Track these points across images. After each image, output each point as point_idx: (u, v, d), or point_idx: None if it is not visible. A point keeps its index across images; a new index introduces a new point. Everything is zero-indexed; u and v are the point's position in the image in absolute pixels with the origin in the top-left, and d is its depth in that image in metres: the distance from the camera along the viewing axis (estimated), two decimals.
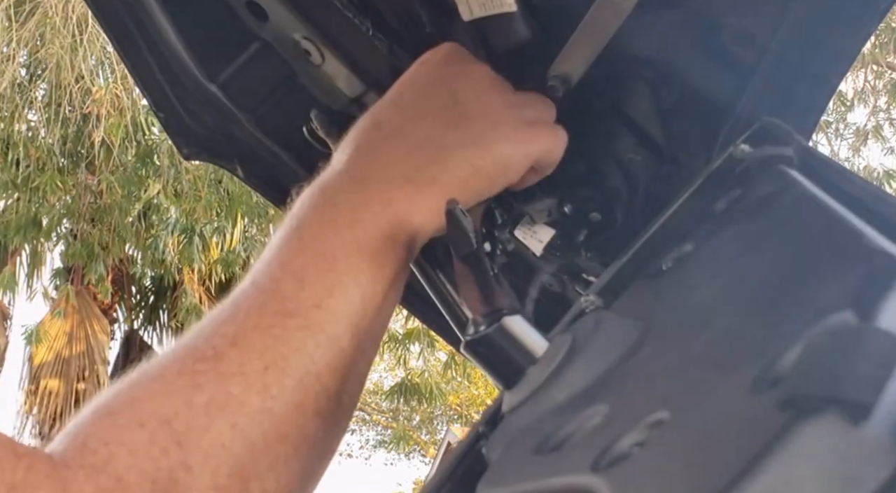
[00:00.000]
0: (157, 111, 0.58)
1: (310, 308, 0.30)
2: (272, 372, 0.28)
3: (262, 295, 0.31)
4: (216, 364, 0.28)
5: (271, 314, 0.30)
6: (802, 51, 0.39)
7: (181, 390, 0.27)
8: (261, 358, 0.29)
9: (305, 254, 0.32)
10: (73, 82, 5.13)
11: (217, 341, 0.29)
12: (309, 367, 0.29)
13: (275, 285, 0.31)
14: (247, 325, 0.30)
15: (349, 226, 0.33)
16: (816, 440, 0.16)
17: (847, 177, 0.29)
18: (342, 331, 0.31)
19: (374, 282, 0.33)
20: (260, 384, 0.28)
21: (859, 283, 0.20)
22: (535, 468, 0.25)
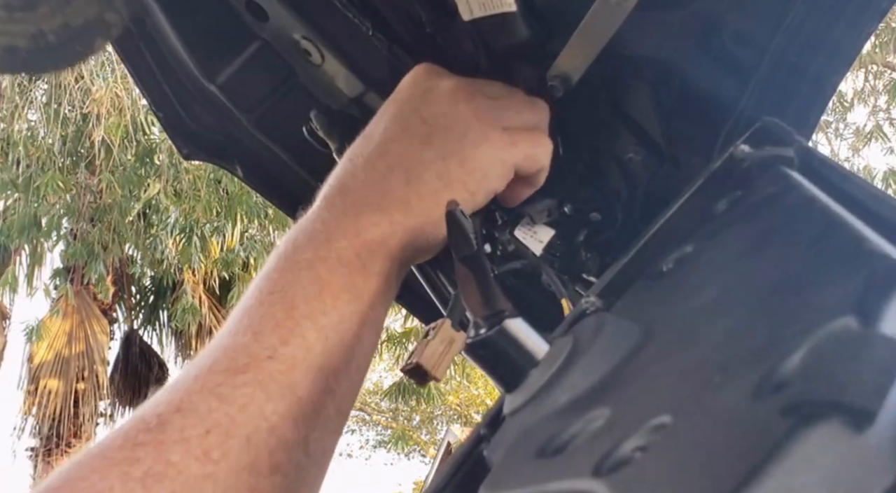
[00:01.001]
0: (157, 111, 0.58)
1: (262, 361, 0.29)
2: (214, 435, 0.27)
3: (216, 353, 0.30)
4: (157, 434, 0.27)
5: (220, 373, 0.29)
6: (802, 51, 0.39)
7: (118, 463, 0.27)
8: (203, 422, 0.28)
9: (264, 305, 0.31)
10: (73, 82, 5.12)
11: (163, 409, 0.28)
12: (259, 423, 0.28)
13: (230, 340, 0.30)
14: (193, 388, 0.29)
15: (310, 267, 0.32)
16: (820, 446, 0.16)
17: (848, 178, 0.28)
18: (299, 378, 0.30)
19: (342, 320, 0.32)
20: (200, 450, 0.27)
21: (862, 287, 0.20)
22: (536, 471, 0.25)
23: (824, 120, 5.21)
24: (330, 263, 0.33)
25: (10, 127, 5.32)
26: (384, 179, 0.35)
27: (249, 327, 0.31)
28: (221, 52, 0.54)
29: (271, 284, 0.32)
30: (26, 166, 5.37)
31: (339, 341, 0.31)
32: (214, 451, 0.27)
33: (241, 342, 0.30)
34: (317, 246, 0.33)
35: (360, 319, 0.33)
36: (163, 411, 0.28)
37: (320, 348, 0.31)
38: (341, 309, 0.32)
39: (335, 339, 0.31)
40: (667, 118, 0.46)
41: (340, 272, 0.33)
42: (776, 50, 0.40)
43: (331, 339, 0.31)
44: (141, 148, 5.57)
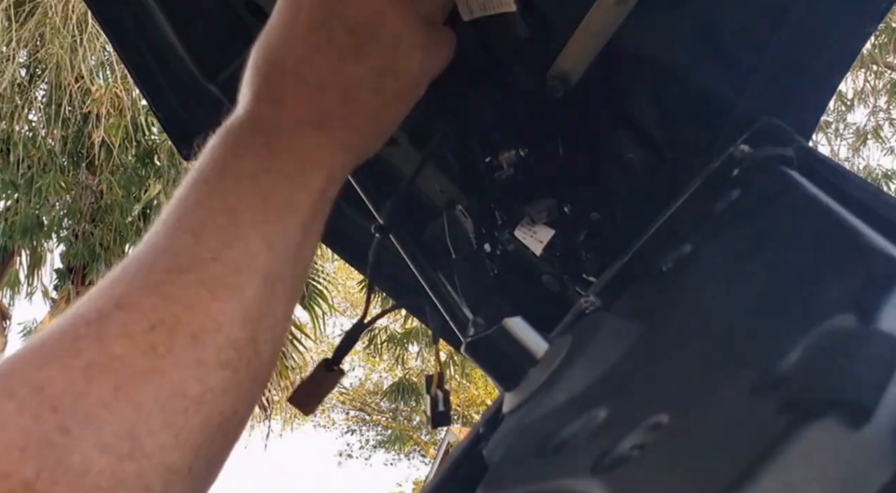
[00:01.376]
0: (157, 111, 0.58)
1: (206, 262, 0.29)
2: (159, 331, 0.27)
3: (154, 253, 0.29)
4: (98, 328, 0.26)
5: (162, 272, 0.28)
6: (802, 51, 0.39)
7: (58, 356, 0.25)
8: (146, 318, 0.27)
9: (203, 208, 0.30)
10: (73, 82, 5.12)
11: (102, 304, 0.27)
12: (205, 323, 0.28)
13: (168, 242, 0.29)
14: (134, 285, 0.28)
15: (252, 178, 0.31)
16: (817, 443, 0.16)
17: (847, 178, 0.28)
18: (244, 281, 0.29)
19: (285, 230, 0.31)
20: (145, 345, 0.26)
21: (860, 285, 0.20)
22: (535, 470, 0.25)
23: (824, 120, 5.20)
24: (272, 175, 0.32)
25: (11, 127, 5.32)
26: (319, 96, 0.34)
27: (189, 230, 0.30)
28: (221, 52, 0.54)
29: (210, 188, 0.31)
30: (27, 167, 5.38)
31: (284, 250, 0.31)
32: (160, 346, 0.26)
33: (181, 243, 0.29)
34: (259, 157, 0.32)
35: (302, 231, 0.32)
36: (102, 306, 0.27)
37: (264, 255, 0.30)
38: (285, 221, 0.31)
39: (279, 248, 0.31)
40: (666, 118, 0.46)
41: (283, 185, 0.32)
42: (775, 50, 0.40)
43: (275, 247, 0.31)
44: (141, 148, 5.57)
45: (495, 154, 0.48)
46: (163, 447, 0.25)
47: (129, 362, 0.26)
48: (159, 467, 0.25)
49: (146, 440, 0.25)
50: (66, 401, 0.24)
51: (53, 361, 0.26)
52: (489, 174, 0.49)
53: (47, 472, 0.23)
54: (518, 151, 0.47)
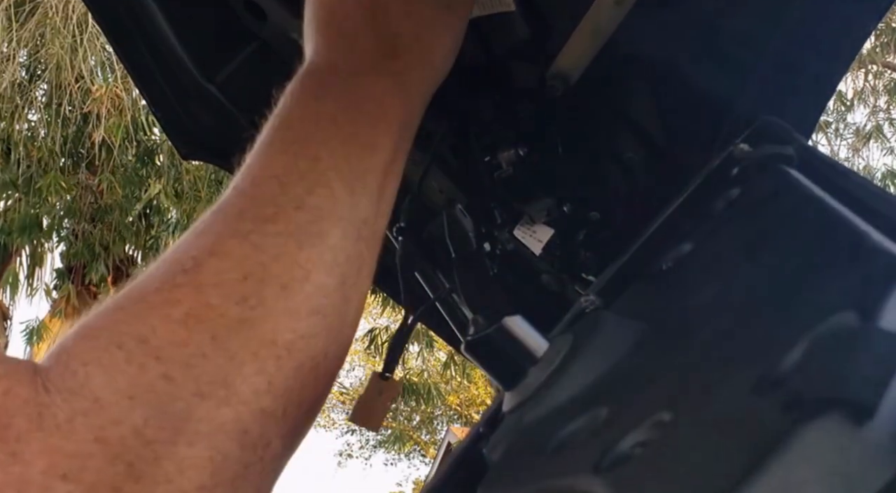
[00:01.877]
0: (156, 111, 0.58)
1: (290, 211, 0.30)
2: (251, 282, 0.28)
3: (242, 200, 0.30)
4: (194, 276, 0.27)
5: (250, 220, 0.29)
6: (802, 50, 0.39)
7: (159, 305, 0.27)
8: (239, 267, 0.28)
9: (287, 154, 0.31)
10: (73, 82, 5.13)
11: (196, 252, 0.28)
12: (293, 272, 0.28)
13: (255, 190, 0.30)
14: (225, 233, 0.29)
15: (333, 120, 0.32)
16: (819, 442, 0.16)
17: (847, 176, 0.28)
18: (327, 228, 0.30)
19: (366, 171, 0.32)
20: (238, 295, 0.27)
21: (861, 283, 0.20)
22: (536, 469, 0.25)
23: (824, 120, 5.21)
24: (351, 114, 0.32)
25: (11, 127, 5.32)
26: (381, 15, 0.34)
27: (273, 177, 0.30)
28: (220, 52, 0.54)
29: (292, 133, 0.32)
30: (27, 167, 5.38)
31: (366, 192, 0.32)
32: (251, 297, 0.27)
33: (266, 192, 0.30)
34: (336, 97, 0.33)
35: (382, 170, 0.32)
36: (197, 254, 0.28)
37: (346, 199, 0.31)
38: (366, 161, 0.32)
39: (360, 189, 0.31)
40: (666, 117, 0.46)
41: (361, 123, 0.32)
42: (775, 49, 0.40)
43: (356, 190, 0.31)
44: (142, 148, 5.57)
45: (494, 153, 0.48)
46: (257, 393, 0.26)
47: (223, 311, 0.27)
48: (255, 411, 0.26)
49: (241, 386, 0.26)
50: (168, 351, 0.26)
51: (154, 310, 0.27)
52: (488, 173, 0.49)
53: (154, 419, 0.24)
54: (517, 151, 0.47)
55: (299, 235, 0.29)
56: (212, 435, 0.25)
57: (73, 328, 0.27)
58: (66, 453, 0.23)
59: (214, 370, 0.26)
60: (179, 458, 0.24)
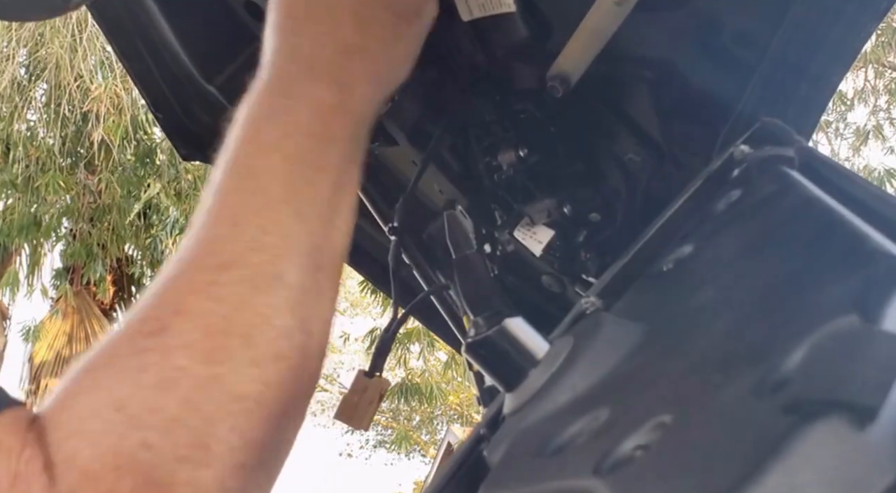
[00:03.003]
0: (156, 112, 0.58)
1: (246, 253, 0.30)
2: (214, 338, 0.28)
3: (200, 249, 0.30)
4: (161, 339, 0.28)
5: (208, 270, 0.30)
6: (803, 50, 0.39)
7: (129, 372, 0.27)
8: (201, 325, 0.28)
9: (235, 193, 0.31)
10: (73, 81, 5.12)
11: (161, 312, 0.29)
12: (254, 320, 0.29)
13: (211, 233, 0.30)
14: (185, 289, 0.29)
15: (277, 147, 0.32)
16: (821, 444, 0.16)
17: (848, 178, 0.28)
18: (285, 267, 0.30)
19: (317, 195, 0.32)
20: (203, 354, 0.28)
21: (862, 285, 0.20)
22: (536, 471, 0.25)
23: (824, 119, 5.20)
24: (297, 138, 0.32)
25: (10, 127, 5.32)
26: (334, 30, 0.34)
27: (228, 217, 0.31)
28: (220, 53, 0.54)
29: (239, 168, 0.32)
30: (25, 166, 5.37)
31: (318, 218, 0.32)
32: (217, 352, 0.28)
33: (221, 234, 0.30)
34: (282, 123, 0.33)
35: (332, 187, 0.32)
36: (160, 315, 0.29)
37: (301, 230, 0.31)
38: (315, 186, 0.32)
39: (313, 217, 0.31)
40: (666, 118, 0.46)
41: (307, 146, 0.32)
42: (776, 50, 0.40)
43: (309, 219, 0.31)
44: (141, 148, 5.56)
45: (495, 154, 0.48)
46: (232, 450, 0.27)
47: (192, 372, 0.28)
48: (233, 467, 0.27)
49: (217, 446, 0.27)
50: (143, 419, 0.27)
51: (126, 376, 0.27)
52: (489, 175, 0.49)
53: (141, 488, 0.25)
54: (518, 152, 0.47)
55: (256, 280, 0.30)
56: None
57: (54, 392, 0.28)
58: None
59: (190, 433, 0.27)
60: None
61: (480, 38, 0.45)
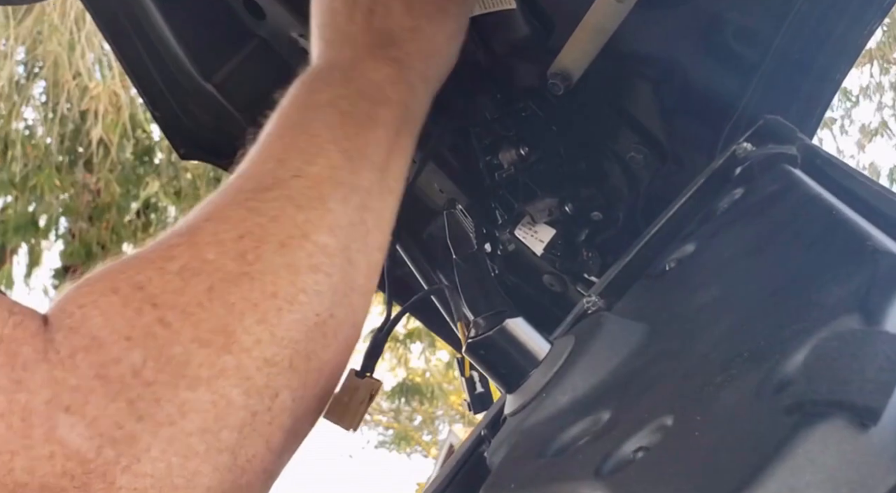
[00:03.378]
0: (154, 110, 0.58)
1: (288, 179, 0.30)
2: (247, 240, 0.28)
3: (240, 179, 0.30)
4: (190, 237, 0.28)
5: (248, 191, 0.29)
6: (806, 48, 0.39)
7: (154, 260, 0.27)
8: (235, 228, 0.28)
9: (285, 137, 0.31)
10: (71, 80, 5.11)
11: (192, 220, 0.29)
12: (291, 231, 0.28)
13: (253, 168, 0.30)
14: (222, 202, 0.29)
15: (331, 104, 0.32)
16: (824, 446, 0.16)
17: (852, 176, 0.28)
18: (327, 191, 0.30)
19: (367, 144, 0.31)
20: (235, 251, 0.27)
21: (865, 285, 0.20)
22: (537, 472, 0.25)
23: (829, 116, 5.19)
24: (351, 98, 0.32)
25: (8, 125, 5.31)
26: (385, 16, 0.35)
27: (271, 156, 0.31)
28: (218, 51, 0.53)
29: (290, 120, 0.32)
30: (24, 165, 5.37)
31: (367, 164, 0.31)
32: (249, 253, 0.27)
33: (265, 168, 0.30)
34: (334, 86, 0.33)
35: (386, 145, 0.32)
36: (193, 220, 0.28)
37: (346, 166, 0.31)
38: (365, 136, 0.32)
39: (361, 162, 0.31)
40: (669, 116, 0.45)
41: (362, 105, 0.32)
42: (779, 47, 0.40)
43: (357, 162, 0.31)
44: (139, 146, 5.56)
45: (495, 153, 0.48)
46: (259, 342, 0.26)
47: (220, 266, 0.27)
48: (257, 359, 0.26)
49: (241, 335, 0.26)
50: (164, 298, 0.26)
51: (150, 264, 0.27)
52: (490, 173, 0.49)
53: (152, 360, 0.24)
54: (518, 150, 0.47)
55: (298, 199, 0.29)
56: (213, 380, 0.25)
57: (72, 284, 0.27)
58: (69, 386, 0.23)
59: (213, 319, 0.26)
60: (180, 401, 0.24)
61: (481, 35, 0.44)
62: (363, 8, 0.35)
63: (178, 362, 0.24)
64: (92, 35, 5.04)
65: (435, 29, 0.36)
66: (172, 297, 0.26)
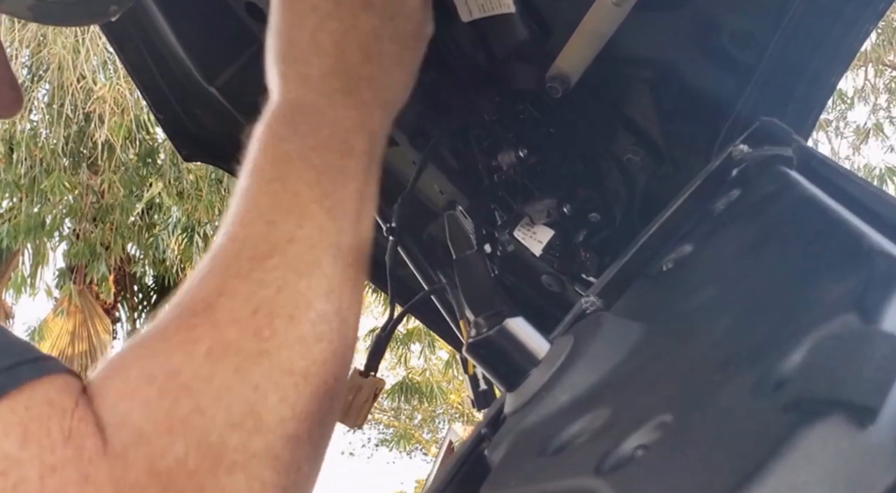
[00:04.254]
0: (158, 113, 0.58)
1: (284, 245, 0.31)
2: (261, 315, 0.29)
3: (236, 243, 0.31)
4: (209, 316, 0.29)
5: (248, 260, 0.31)
6: (801, 50, 0.39)
7: (181, 343, 0.28)
8: (248, 304, 0.29)
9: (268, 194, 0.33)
10: (75, 82, 5.13)
11: (205, 294, 0.30)
12: (297, 301, 0.30)
13: (246, 231, 0.32)
14: (227, 274, 0.30)
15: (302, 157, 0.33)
16: (821, 444, 0.16)
17: (847, 177, 0.28)
18: (320, 256, 0.32)
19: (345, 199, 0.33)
20: (252, 329, 0.29)
21: (862, 285, 0.20)
22: (538, 470, 0.25)
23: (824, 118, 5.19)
24: (319, 151, 0.34)
25: (13, 128, 5.33)
26: (342, 60, 0.36)
27: (260, 216, 0.32)
28: (221, 54, 0.54)
29: (267, 174, 0.34)
30: (30, 167, 5.38)
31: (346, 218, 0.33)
32: (264, 329, 0.29)
33: (258, 232, 0.32)
34: (303, 136, 0.34)
35: (358, 195, 0.34)
36: (206, 296, 0.30)
37: (331, 226, 0.32)
38: (341, 190, 0.34)
39: (342, 217, 0.33)
40: (665, 118, 0.46)
41: (331, 158, 0.34)
42: (775, 50, 0.40)
43: (339, 218, 0.33)
44: (143, 148, 5.57)
45: (494, 155, 0.48)
46: (283, 420, 0.28)
47: (242, 345, 0.28)
48: (282, 438, 0.28)
49: (267, 415, 0.28)
50: (196, 385, 0.27)
51: (178, 348, 0.28)
52: (489, 175, 0.49)
53: (194, 451, 0.26)
54: (517, 152, 0.47)
55: (297, 266, 0.31)
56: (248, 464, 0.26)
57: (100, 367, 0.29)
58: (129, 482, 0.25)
59: (242, 402, 0.27)
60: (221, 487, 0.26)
61: (480, 38, 0.45)
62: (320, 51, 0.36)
63: (215, 449, 0.26)
64: (96, 38, 5.05)
65: (390, 79, 0.37)
66: (204, 383, 0.27)
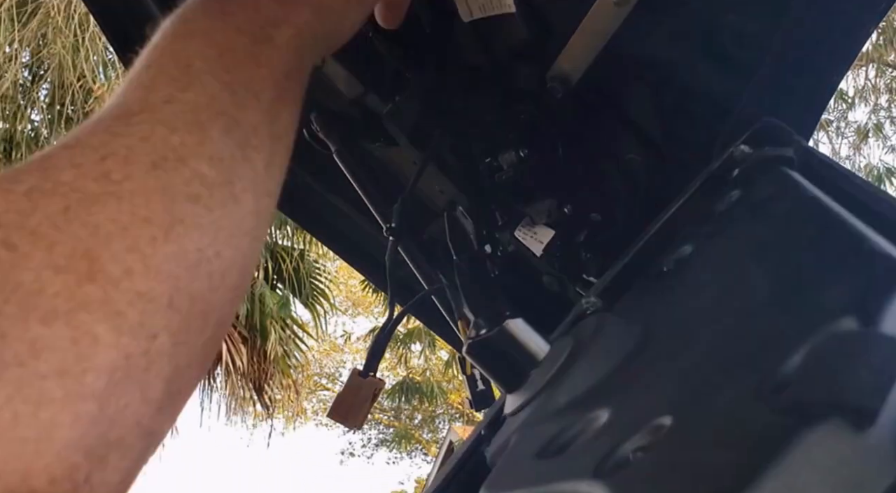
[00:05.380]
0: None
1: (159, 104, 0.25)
2: (111, 161, 0.23)
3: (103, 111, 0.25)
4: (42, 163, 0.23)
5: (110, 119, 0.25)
6: (802, 50, 0.39)
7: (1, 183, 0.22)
8: (96, 151, 0.23)
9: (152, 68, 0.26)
10: (76, 82, 5.13)
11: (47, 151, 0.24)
12: (165, 153, 0.24)
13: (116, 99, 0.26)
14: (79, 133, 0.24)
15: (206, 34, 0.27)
16: (820, 447, 0.16)
17: (848, 178, 0.28)
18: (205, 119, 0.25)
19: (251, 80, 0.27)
20: (97, 172, 0.23)
21: (862, 287, 0.20)
22: (537, 472, 0.25)
23: (825, 118, 5.20)
24: (228, 32, 0.28)
25: (13, 128, 5.33)
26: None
27: (139, 86, 0.26)
28: None
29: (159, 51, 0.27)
30: None
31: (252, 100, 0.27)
32: (114, 173, 0.23)
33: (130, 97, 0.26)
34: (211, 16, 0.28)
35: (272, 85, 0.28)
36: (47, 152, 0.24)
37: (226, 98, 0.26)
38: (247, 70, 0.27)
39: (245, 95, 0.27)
40: (666, 119, 0.46)
41: (241, 41, 0.28)
42: (776, 49, 0.40)
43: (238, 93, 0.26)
44: None
45: (495, 155, 0.48)
46: (130, 272, 0.22)
47: (78, 186, 0.22)
48: (129, 292, 0.22)
49: (108, 263, 0.22)
50: (7, 218, 0.21)
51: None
52: (489, 175, 0.49)
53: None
54: (518, 152, 0.47)
55: (171, 122, 0.25)
56: (73, 314, 0.21)
57: None
58: None
59: (70, 241, 0.21)
60: (32, 337, 0.20)
61: (481, 38, 0.45)
62: None
63: (28, 291, 0.20)
64: (96, 37, 5.06)
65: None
66: (18, 217, 0.21)
